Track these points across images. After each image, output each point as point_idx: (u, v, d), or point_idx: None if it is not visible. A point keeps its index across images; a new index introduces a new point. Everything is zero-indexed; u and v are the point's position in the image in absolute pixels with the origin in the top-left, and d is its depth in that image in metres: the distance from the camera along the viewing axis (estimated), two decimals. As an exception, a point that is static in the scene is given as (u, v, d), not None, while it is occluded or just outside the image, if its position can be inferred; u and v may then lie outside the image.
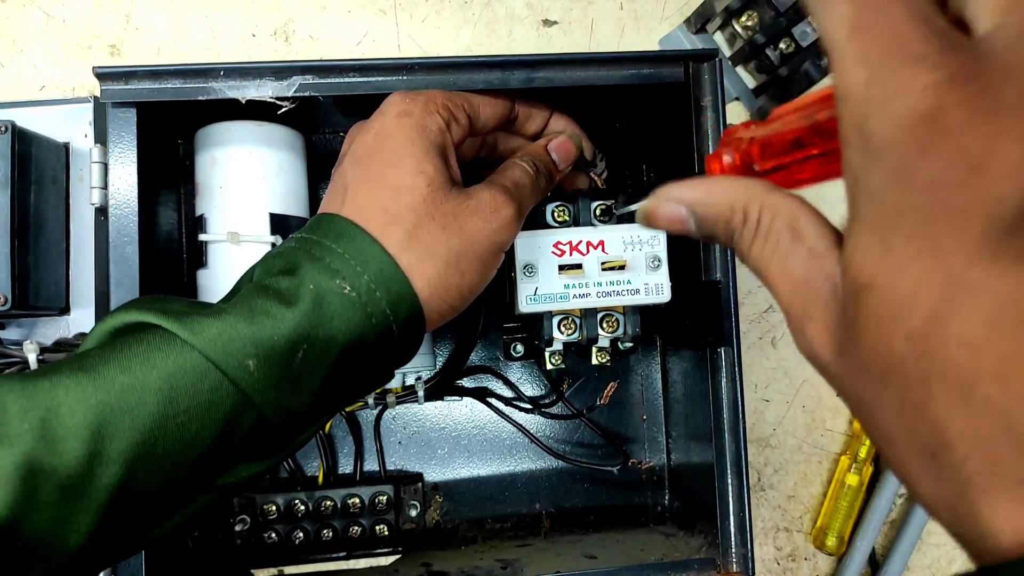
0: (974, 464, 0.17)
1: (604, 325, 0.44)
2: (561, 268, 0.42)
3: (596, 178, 0.45)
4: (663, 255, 0.43)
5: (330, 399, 0.33)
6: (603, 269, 0.43)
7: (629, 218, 0.44)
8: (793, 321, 0.23)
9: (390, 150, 0.34)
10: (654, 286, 0.43)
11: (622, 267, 0.43)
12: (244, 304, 0.30)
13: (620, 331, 0.44)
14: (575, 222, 0.44)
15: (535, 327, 0.45)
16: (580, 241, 0.43)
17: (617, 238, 0.43)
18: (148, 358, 0.29)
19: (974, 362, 0.16)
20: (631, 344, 0.48)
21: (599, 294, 0.43)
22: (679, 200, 0.25)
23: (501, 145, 0.43)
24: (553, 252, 0.42)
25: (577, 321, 0.44)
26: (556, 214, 0.44)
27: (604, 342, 0.45)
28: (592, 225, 0.43)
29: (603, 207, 0.44)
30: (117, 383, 0.28)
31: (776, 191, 0.23)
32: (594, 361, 0.47)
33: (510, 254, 0.43)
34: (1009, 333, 0.16)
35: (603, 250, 0.43)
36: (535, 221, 0.44)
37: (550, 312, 0.44)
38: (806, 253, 0.22)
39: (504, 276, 0.46)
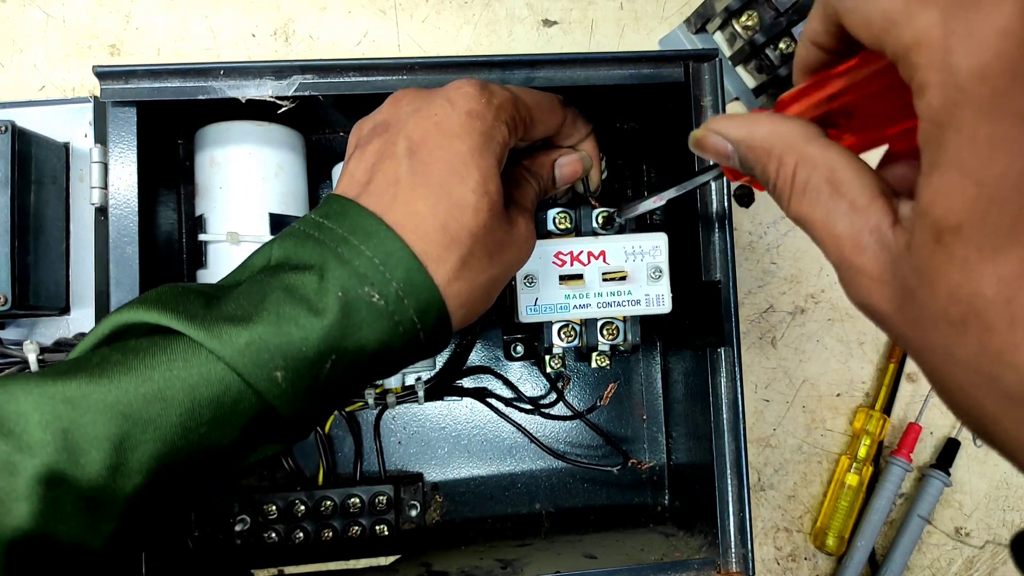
0: None
1: (604, 333, 0.44)
2: (562, 279, 0.42)
3: (591, 200, 0.44)
4: (664, 266, 0.43)
5: (352, 393, 0.33)
6: (604, 280, 0.43)
7: (631, 227, 0.44)
8: (844, 276, 0.22)
9: (456, 154, 0.31)
10: (655, 297, 0.43)
11: (623, 278, 0.43)
12: (271, 311, 0.29)
13: (620, 339, 0.44)
14: (576, 230, 0.44)
15: (536, 335, 0.45)
16: (581, 251, 0.43)
17: (618, 248, 0.43)
18: (171, 367, 0.28)
19: None
20: (630, 351, 0.48)
21: (600, 305, 0.43)
22: (726, 135, 0.25)
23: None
24: (554, 262, 0.42)
25: (577, 329, 0.44)
26: (558, 221, 0.44)
27: (604, 348, 0.45)
28: (593, 234, 0.43)
29: (605, 215, 0.44)
30: (139, 394, 0.27)
31: (815, 141, 0.23)
32: (593, 365, 0.47)
33: None
34: None
35: (604, 260, 0.43)
36: (535, 230, 0.43)
37: (550, 321, 0.44)
38: (848, 207, 0.21)
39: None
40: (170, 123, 0.48)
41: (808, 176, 0.22)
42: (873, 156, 0.25)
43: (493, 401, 0.53)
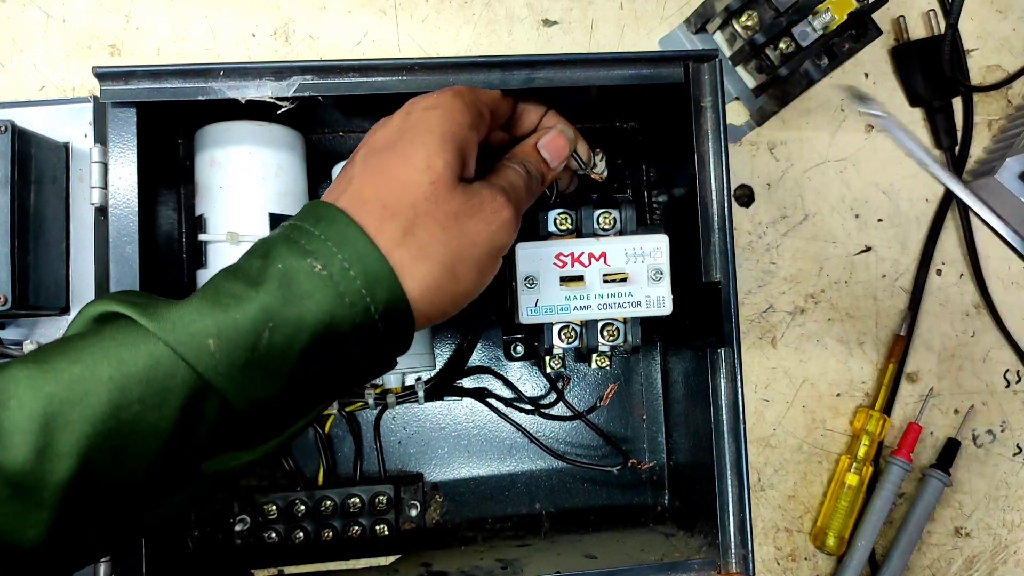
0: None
1: (604, 334, 0.44)
2: (563, 280, 0.42)
3: (593, 175, 0.45)
4: (665, 268, 0.43)
5: (311, 388, 0.31)
6: (605, 281, 0.43)
7: (631, 230, 0.44)
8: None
9: (405, 142, 0.33)
10: (655, 298, 0.43)
11: (624, 279, 0.42)
12: (210, 288, 0.29)
13: (620, 340, 0.44)
14: (577, 231, 0.44)
15: (536, 335, 0.45)
16: (582, 253, 0.42)
17: (619, 250, 0.43)
18: (101, 347, 0.28)
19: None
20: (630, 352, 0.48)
21: (600, 306, 0.43)
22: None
23: (497, 142, 0.42)
24: (555, 264, 0.42)
25: (577, 330, 0.44)
26: (558, 222, 0.44)
27: (604, 349, 0.45)
28: (594, 236, 0.43)
29: (605, 215, 0.44)
30: (67, 374, 0.27)
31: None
32: (593, 366, 0.47)
33: (511, 264, 0.43)
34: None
35: (605, 262, 0.43)
36: (537, 231, 0.43)
37: (551, 322, 0.44)
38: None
39: (505, 280, 0.46)
40: (170, 123, 0.48)
41: None
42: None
43: (493, 401, 0.53)
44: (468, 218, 0.33)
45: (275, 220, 0.45)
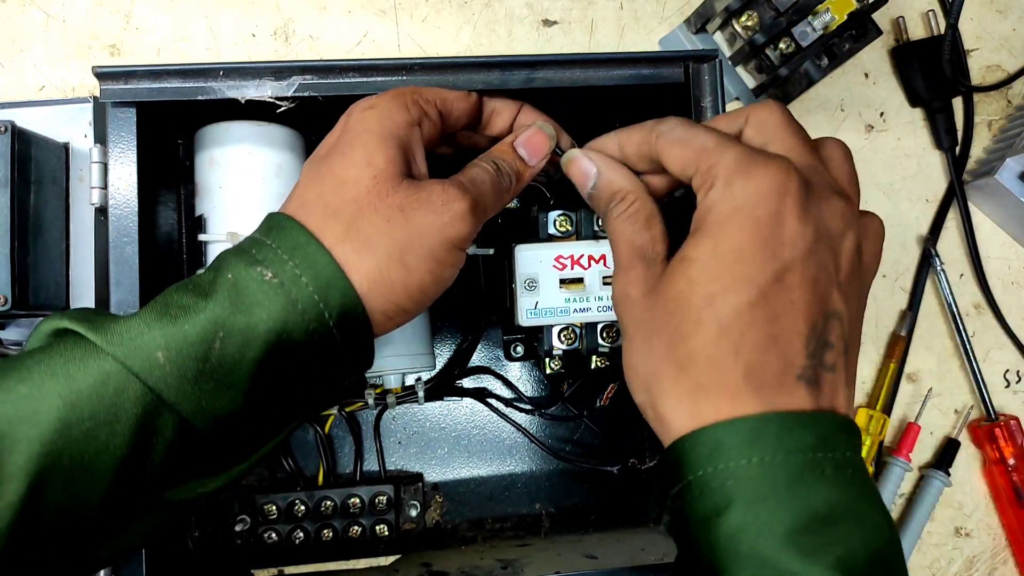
0: (706, 378, 0.28)
1: (604, 335, 0.44)
2: (562, 282, 0.42)
3: None
4: None
5: (270, 403, 0.30)
6: (604, 283, 0.42)
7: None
8: (622, 268, 0.33)
9: (345, 143, 0.33)
10: None
11: None
12: (160, 301, 0.29)
13: (620, 341, 0.44)
14: (577, 232, 0.44)
15: (536, 337, 0.45)
16: (582, 255, 0.42)
17: None
18: (50, 364, 0.27)
19: (733, 319, 0.28)
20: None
21: (600, 308, 0.43)
22: (592, 162, 0.36)
23: (480, 144, 0.41)
24: (554, 266, 0.42)
25: (577, 331, 0.44)
26: (558, 224, 0.44)
27: (604, 350, 0.45)
28: (594, 237, 0.43)
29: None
30: (15, 393, 0.26)
31: (646, 193, 0.35)
32: (593, 366, 0.47)
33: (511, 266, 0.43)
34: (750, 320, 0.28)
35: (605, 264, 0.43)
36: (536, 233, 0.43)
37: (550, 325, 0.44)
38: (649, 236, 0.33)
39: (505, 282, 0.46)
40: (170, 123, 0.48)
41: (638, 209, 0.34)
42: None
43: (493, 401, 0.53)
44: (414, 210, 0.32)
45: (275, 220, 0.45)
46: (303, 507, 0.50)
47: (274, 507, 0.50)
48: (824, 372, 0.28)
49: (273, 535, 0.50)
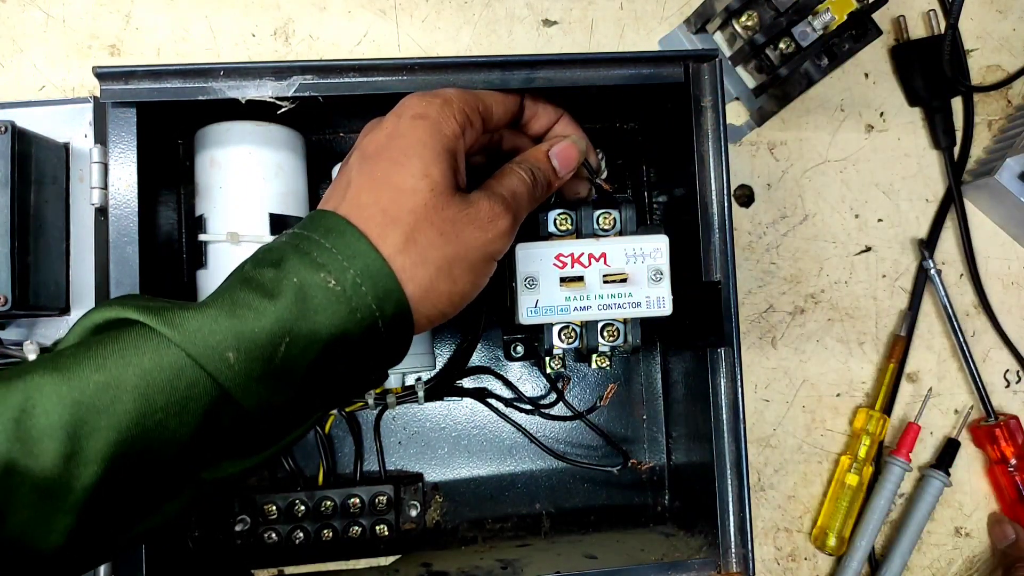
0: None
1: (604, 334, 0.44)
2: (563, 280, 0.42)
3: (602, 183, 0.45)
4: (665, 268, 0.43)
5: (316, 395, 0.32)
6: (605, 282, 0.42)
7: (631, 230, 0.44)
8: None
9: (399, 150, 0.34)
10: (656, 299, 0.43)
11: (624, 280, 0.42)
12: (226, 297, 0.30)
13: (620, 340, 0.44)
14: (577, 231, 0.44)
15: (536, 336, 0.45)
16: (582, 253, 0.42)
17: (619, 250, 0.42)
18: (123, 355, 0.28)
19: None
20: (631, 352, 0.48)
21: (600, 307, 0.43)
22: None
23: (506, 143, 0.42)
24: (555, 264, 0.42)
25: (578, 330, 0.44)
26: (558, 222, 0.43)
27: (604, 349, 0.45)
28: (594, 236, 0.43)
29: (605, 215, 0.44)
30: (92, 382, 0.27)
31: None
32: (593, 366, 0.47)
33: (511, 265, 0.43)
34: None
35: (605, 262, 0.42)
36: (536, 231, 0.43)
37: (551, 323, 0.44)
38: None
39: (505, 281, 0.46)
40: (170, 123, 0.48)
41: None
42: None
43: (493, 401, 0.53)
44: (465, 225, 0.34)
45: (275, 220, 0.45)
46: (303, 507, 0.50)
47: (274, 507, 0.50)
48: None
49: (273, 535, 0.50)
